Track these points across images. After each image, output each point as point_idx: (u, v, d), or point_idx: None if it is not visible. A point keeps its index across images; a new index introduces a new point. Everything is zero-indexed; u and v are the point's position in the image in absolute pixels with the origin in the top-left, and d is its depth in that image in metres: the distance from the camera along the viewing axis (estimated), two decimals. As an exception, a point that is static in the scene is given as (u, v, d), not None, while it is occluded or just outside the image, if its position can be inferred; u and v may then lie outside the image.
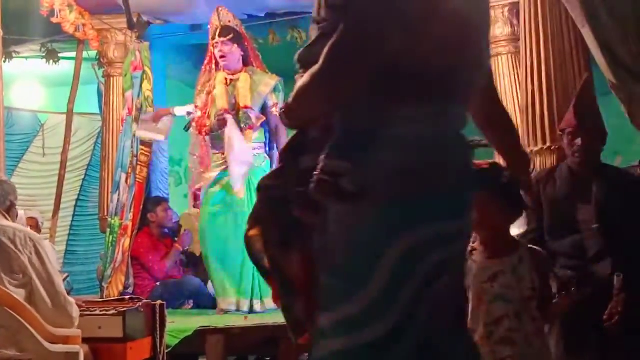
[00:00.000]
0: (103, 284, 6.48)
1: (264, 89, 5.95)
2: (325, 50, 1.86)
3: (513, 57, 6.94)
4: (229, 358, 5.97)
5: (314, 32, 2.04)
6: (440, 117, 1.93)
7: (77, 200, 9.51)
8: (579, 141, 4.04)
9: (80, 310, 4.06)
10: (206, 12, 8.02)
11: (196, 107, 6.21)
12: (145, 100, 6.60)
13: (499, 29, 7.15)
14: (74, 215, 9.40)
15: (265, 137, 6.02)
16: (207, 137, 6.15)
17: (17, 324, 3.57)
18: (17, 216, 4.06)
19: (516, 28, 6.47)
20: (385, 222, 1.86)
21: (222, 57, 6.11)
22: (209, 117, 6.04)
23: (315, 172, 1.86)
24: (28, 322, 3.60)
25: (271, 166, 5.78)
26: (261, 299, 5.59)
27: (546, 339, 2.88)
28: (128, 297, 4.81)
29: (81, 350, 3.86)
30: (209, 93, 6.12)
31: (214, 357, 4.65)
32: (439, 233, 1.89)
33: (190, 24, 8.22)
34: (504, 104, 6.93)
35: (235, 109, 5.93)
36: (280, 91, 6.07)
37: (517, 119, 6.46)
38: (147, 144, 6.62)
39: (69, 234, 9.28)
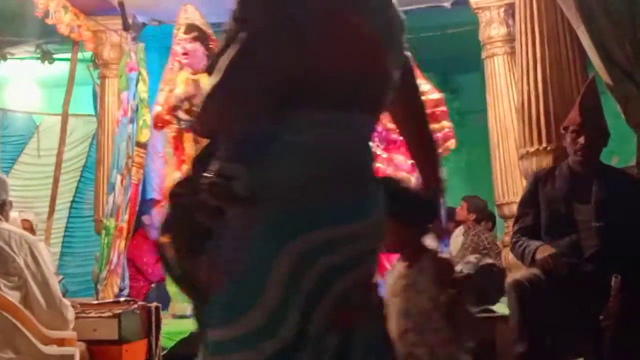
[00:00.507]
0: (98, 286, 6.46)
1: None
2: (225, 61, 1.89)
3: (509, 57, 6.95)
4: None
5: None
6: (337, 125, 1.95)
7: (73, 201, 9.49)
8: (582, 139, 4.06)
9: (76, 313, 4.05)
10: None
11: (157, 103, 6.17)
12: (141, 101, 6.59)
13: (495, 30, 7.16)
14: (69, 217, 9.38)
15: None
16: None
17: (12, 326, 3.56)
18: (9, 214, 4.03)
19: (512, 28, 6.49)
20: (278, 227, 1.87)
21: (184, 54, 6.07)
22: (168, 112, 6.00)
23: (208, 175, 1.86)
24: (23, 324, 3.59)
25: None
26: None
27: (457, 348, 2.79)
28: (123, 299, 4.79)
29: (77, 351, 3.86)
30: (170, 91, 6.06)
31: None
32: (332, 239, 1.89)
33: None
34: (500, 104, 6.95)
35: None
36: None
37: (512, 119, 6.52)
38: (142, 145, 6.60)
39: (64, 236, 9.26)
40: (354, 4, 1.98)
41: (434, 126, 5.64)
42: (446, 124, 5.81)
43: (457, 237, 7.37)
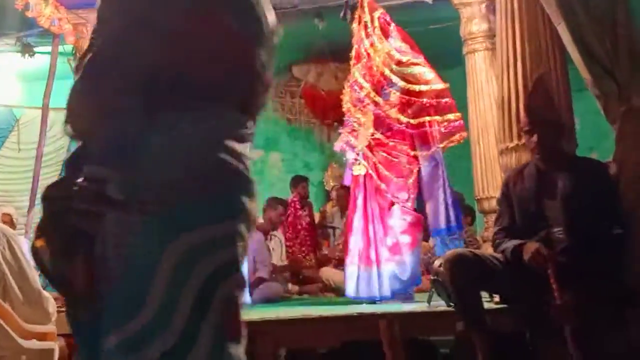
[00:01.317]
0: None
1: None
2: (86, 63, 1.90)
3: (490, 53, 7.00)
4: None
5: None
6: (207, 125, 1.95)
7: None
8: (534, 138, 4.11)
9: (58, 307, 4.02)
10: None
11: None
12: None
13: (476, 26, 7.20)
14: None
15: None
16: None
17: (-10, 320, 3.54)
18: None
19: (493, 24, 6.49)
20: (157, 229, 1.85)
21: None
22: None
23: (78, 180, 1.84)
24: (2, 318, 3.57)
25: None
26: None
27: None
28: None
29: (56, 346, 3.84)
30: None
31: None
32: (212, 238, 1.88)
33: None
34: (481, 99, 6.97)
35: None
36: None
37: (493, 115, 6.54)
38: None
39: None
40: (219, 3, 1.99)
41: (434, 118, 5.67)
42: (451, 116, 5.76)
43: (438, 232, 7.39)
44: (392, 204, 5.80)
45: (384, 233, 5.78)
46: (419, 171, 5.84)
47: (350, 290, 5.83)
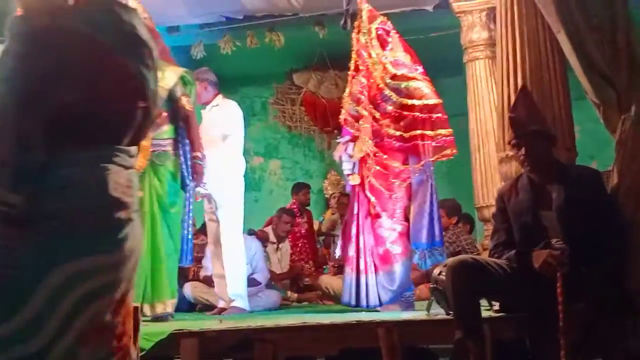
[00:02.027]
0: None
1: (168, 82, 5.74)
2: None
3: (490, 61, 7.00)
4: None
5: None
6: (102, 161, 2.25)
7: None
8: (522, 151, 4.11)
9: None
10: (184, 14, 8.02)
11: None
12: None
13: (477, 34, 7.21)
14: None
15: (177, 133, 5.72)
16: None
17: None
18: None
19: (494, 33, 6.51)
20: (49, 252, 2.14)
21: None
22: None
23: None
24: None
25: (180, 164, 5.67)
26: (152, 303, 5.49)
27: None
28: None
29: None
30: None
31: (188, 360, 4.62)
32: (95, 267, 2.20)
33: (168, 26, 8.19)
34: (481, 107, 6.98)
35: None
36: (190, 83, 5.85)
37: (493, 123, 6.54)
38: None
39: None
40: (115, 48, 2.22)
41: (426, 133, 5.68)
42: (442, 131, 5.77)
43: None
44: (378, 215, 5.82)
45: (374, 243, 5.80)
46: (410, 184, 5.86)
47: (346, 297, 5.87)
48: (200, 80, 6.53)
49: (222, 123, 6.47)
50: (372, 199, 5.80)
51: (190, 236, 5.88)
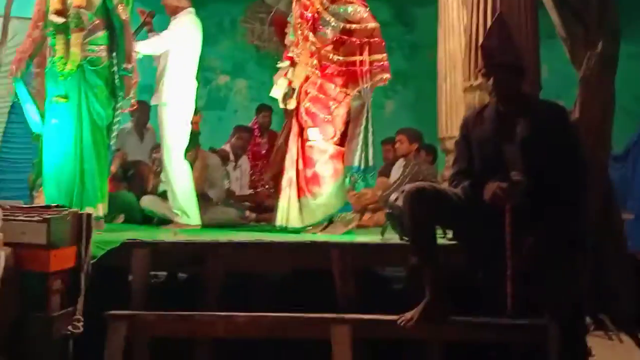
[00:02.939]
0: (33, 193, 6.34)
1: None
2: None
3: (462, -9, 6.90)
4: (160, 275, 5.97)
5: None
6: None
7: (11, 107, 9.26)
8: (491, 81, 4.07)
9: (4, 215, 3.98)
10: None
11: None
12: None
13: (450, -36, 7.09)
14: (7, 122, 9.16)
15: (111, 41, 5.65)
16: None
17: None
18: None
19: (469, -38, 6.41)
20: None
21: None
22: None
23: None
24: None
25: (115, 66, 5.63)
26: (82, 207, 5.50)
27: None
28: (55, 205, 4.71)
29: (2, 254, 3.80)
30: None
31: (139, 270, 4.61)
32: None
33: None
34: (451, 38, 6.92)
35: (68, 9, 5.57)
36: None
37: (462, 54, 6.49)
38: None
39: (2, 141, 9.06)
40: None
41: (364, 59, 5.68)
42: (378, 56, 5.78)
43: (399, 169, 7.39)
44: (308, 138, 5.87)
45: (303, 165, 5.85)
46: (349, 110, 5.86)
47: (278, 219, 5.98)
48: None
49: (170, 36, 6.38)
50: (309, 121, 5.82)
51: (112, 147, 5.87)
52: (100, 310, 4.33)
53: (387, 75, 5.85)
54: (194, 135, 6.48)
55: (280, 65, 6.15)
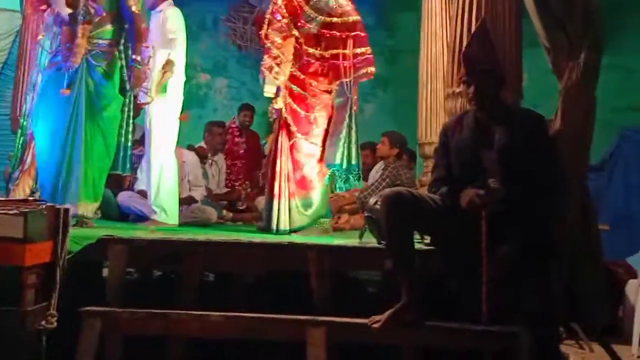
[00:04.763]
0: (10, 186, 6.30)
1: None
2: None
3: (447, -3, 6.93)
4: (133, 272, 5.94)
5: None
6: None
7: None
8: (471, 89, 4.09)
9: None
10: None
11: None
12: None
13: (435, -31, 7.12)
14: (-18, 117, 9.10)
15: (118, 34, 5.69)
16: None
17: None
18: None
19: (453, -32, 6.43)
20: None
21: None
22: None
23: None
24: None
25: (121, 68, 5.67)
26: (77, 203, 5.46)
27: None
28: (32, 199, 4.67)
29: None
30: None
31: (116, 267, 4.58)
32: None
33: None
34: (433, 43, 6.94)
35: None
36: None
37: (444, 61, 6.52)
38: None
39: (-23, 135, 8.99)
40: None
41: (346, 52, 5.66)
42: (361, 49, 5.79)
43: (378, 172, 7.40)
44: (295, 139, 5.84)
45: (292, 167, 5.81)
46: (332, 107, 5.89)
47: (261, 221, 5.99)
48: None
49: (161, 31, 6.33)
50: (291, 122, 5.79)
51: (129, 144, 5.83)
52: (75, 305, 4.31)
53: (372, 69, 5.84)
54: (174, 132, 6.48)
55: (262, 63, 6.11)
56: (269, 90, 6.03)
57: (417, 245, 4.41)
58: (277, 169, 5.82)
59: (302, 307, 4.45)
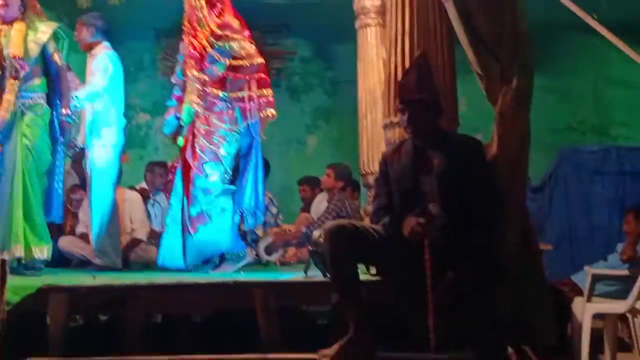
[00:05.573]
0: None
1: (41, 37, 5.66)
2: None
3: (381, 29, 6.98)
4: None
5: None
6: None
7: None
8: (405, 117, 4.15)
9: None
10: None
11: None
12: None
13: (369, 0, 7.18)
14: None
15: (48, 87, 5.74)
16: None
17: None
18: None
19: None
20: None
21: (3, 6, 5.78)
22: None
23: None
24: None
25: (51, 114, 5.72)
26: (28, 248, 5.47)
27: None
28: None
29: None
30: None
31: (57, 316, 4.49)
32: None
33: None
34: (370, 74, 7.00)
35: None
36: (62, 38, 5.81)
37: (381, 91, 6.56)
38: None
39: None
40: None
41: (251, 94, 5.74)
42: (265, 92, 5.92)
43: (321, 203, 7.41)
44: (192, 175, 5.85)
45: (187, 203, 5.82)
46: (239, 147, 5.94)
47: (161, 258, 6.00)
48: (87, 24, 6.37)
49: (90, 76, 6.31)
50: (195, 159, 5.81)
51: (60, 191, 5.82)
52: (19, 356, 4.21)
53: (272, 111, 5.92)
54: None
55: (168, 103, 6.13)
56: (166, 130, 6.11)
57: (363, 277, 4.41)
58: (174, 202, 6.03)
59: (251, 344, 4.41)
